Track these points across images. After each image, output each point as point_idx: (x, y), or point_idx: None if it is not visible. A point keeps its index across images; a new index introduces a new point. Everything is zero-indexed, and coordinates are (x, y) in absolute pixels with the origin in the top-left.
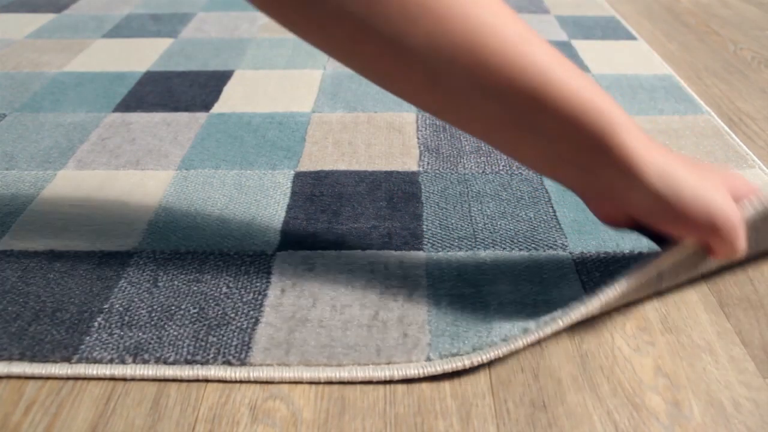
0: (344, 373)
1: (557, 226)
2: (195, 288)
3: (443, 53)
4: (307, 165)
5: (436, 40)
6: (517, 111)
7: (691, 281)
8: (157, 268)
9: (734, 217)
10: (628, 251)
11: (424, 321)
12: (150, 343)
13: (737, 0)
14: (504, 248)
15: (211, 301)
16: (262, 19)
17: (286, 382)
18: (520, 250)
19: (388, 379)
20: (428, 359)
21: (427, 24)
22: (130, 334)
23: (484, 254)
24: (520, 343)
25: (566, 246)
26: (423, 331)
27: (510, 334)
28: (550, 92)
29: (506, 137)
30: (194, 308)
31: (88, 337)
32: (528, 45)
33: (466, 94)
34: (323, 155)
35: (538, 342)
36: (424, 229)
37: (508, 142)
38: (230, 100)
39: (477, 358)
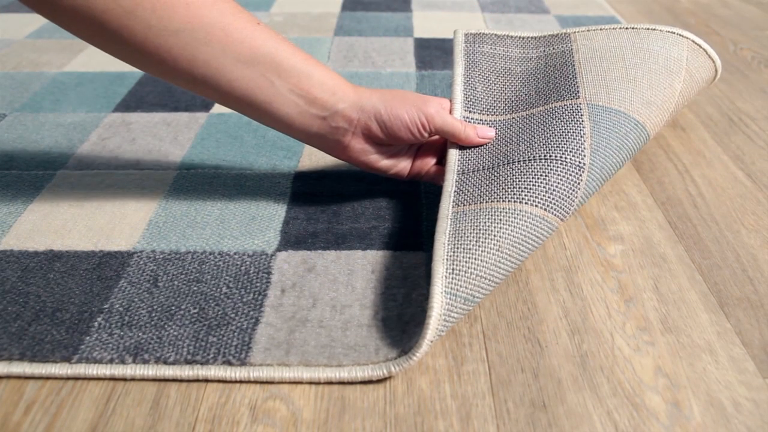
0: (344, 373)
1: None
2: (195, 288)
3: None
4: (307, 165)
5: (156, 32)
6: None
7: None
8: (157, 268)
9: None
10: None
11: (423, 321)
12: (150, 343)
13: (737, 0)
14: None
15: (211, 301)
16: (263, 19)
17: (286, 382)
18: None
19: (386, 376)
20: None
21: (146, 16)
22: (130, 334)
23: None
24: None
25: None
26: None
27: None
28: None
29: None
30: (194, 308)
31: (88, 337)
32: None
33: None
34: (323, 155)
35: (538, 342)
36: (424, 229)
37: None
38: None
39: (466, 320)
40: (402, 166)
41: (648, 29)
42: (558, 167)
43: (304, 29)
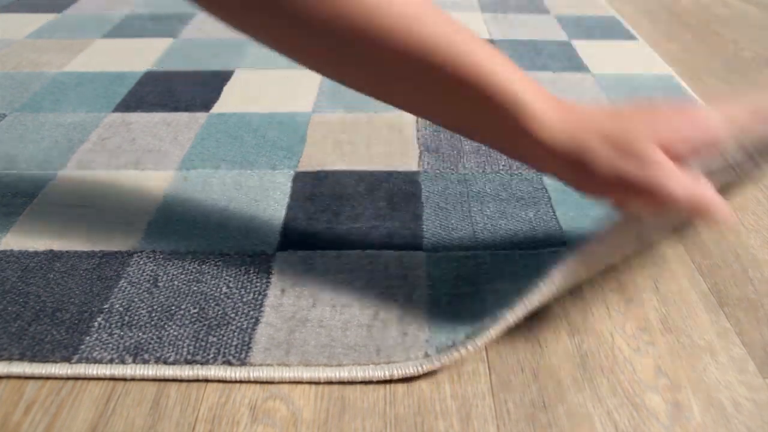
0: (344, 373)
1: (557, 226)
2: (195, 288)
3: (344, 32)
4: (307, 165)
5: (335, 21)
6: (428, 87)
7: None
8: (157, 268)
9: (647, 171)
10: None
11: (423, 320)
12: (150, 343)
13: (737, 0)
14: (504, 248)
15: (211, 301)
16: None
17: (286, 382)
18: (520, 249)
19: (387, 378)
20: (426, 355)
21: (326, 6)
22: (130, 334)
23: (484, 254)
24: (510, 319)
25: (565, 245)
26: (422, 330)
27: (499, 314)
28: (462, 73)
29: (425, 109)
30: (194, 308)
31: (88, 337)
32: (417, 21)
33: (373, 71)
34: (323, 155)
35: (538, 342)
36: (424, 229)
37: (430, 113)
38: (230, 100)
39: (471, 345)
40: None
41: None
42: None
43: None
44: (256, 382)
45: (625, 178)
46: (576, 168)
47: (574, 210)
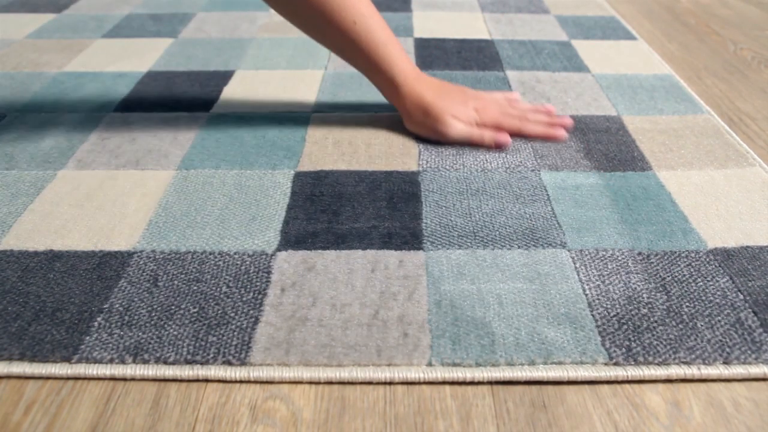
0: (344, 374)
1: (556, 224)
2: (195, 288)
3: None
4: (307, 165)
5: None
6: (351, 54)
7: None
8: (157, 268)
9: (435, 124)
10: (627, 249)
11: (424, 320)
12: (150, 343)
13: (737, 0)
14: (503, 246)
15: (211, 300)
16: (262, 19)
17: (286, 382)
18: (519, 247)
19: (388, 380)
20: (429, 364)
21: None
22: (130, 334)
23: (484, 252)
24: (523, 375)
25: (565, 243)
26: (423, 331)
27: (515, 360)
28: (369, 55)
29: (347, 61)
30: (194, 308)
31: (88, 337)
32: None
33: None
34: (323, 155)
35: None
36: (424, 228)
37: (349, 62)
38: (230, 100)
39: (479, 375)
40: None
41: None
42: None
43: None
44: (256, 382)
45: (426, 127)
46: (408, 115)
47: (574, 209)
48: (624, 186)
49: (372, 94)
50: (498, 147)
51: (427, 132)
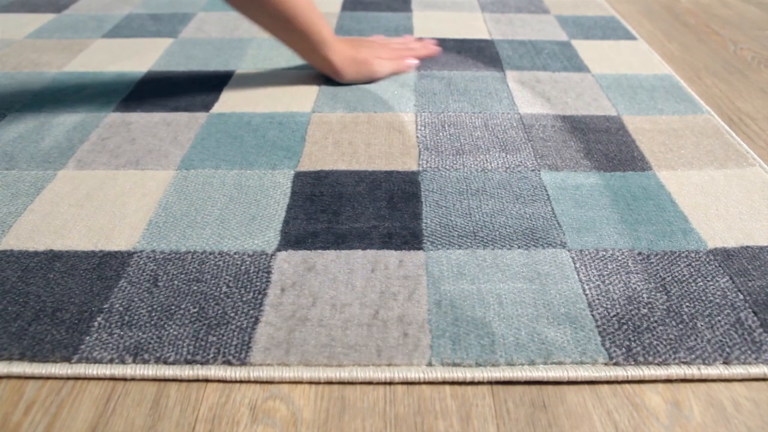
0: (344, 374)
1: (556, 225)
2: (195, 288)
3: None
4: (307, 165)
5: None
6: (280, 27)
7: None
8: (157, 268)
9: (366, 66)
10: (627, 250)
11: (424, 320)
12: (150, 343)
13: (737, 0)
14: (503, 246)
15: (211, 300)
16: None
17: (286, 382)
18: (519, 247)
19: (388, 380)
20: (429, 364)
21: None
22: (130, 334)
23: (484, 252)
24: (523, 375)
25: (565, 244)
26: (423, 331)
27: (515, 360)
28: (298, 22)
29: (278, 37)
30: (194, 308)
31: (88, 337)
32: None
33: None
34: (323, 155)
35: None
36: (424, 228)
37: (280, 39)
38: (230, 100)
39: (479, 375)
40: None
41: None
42: None
43: None
44: (256, 382)
45: (361, 74)
46: (340, 70)
47: (574, 209)
48: (624, 186)
49: (372, 94)
50: (410, 69)
51: (362, 78)
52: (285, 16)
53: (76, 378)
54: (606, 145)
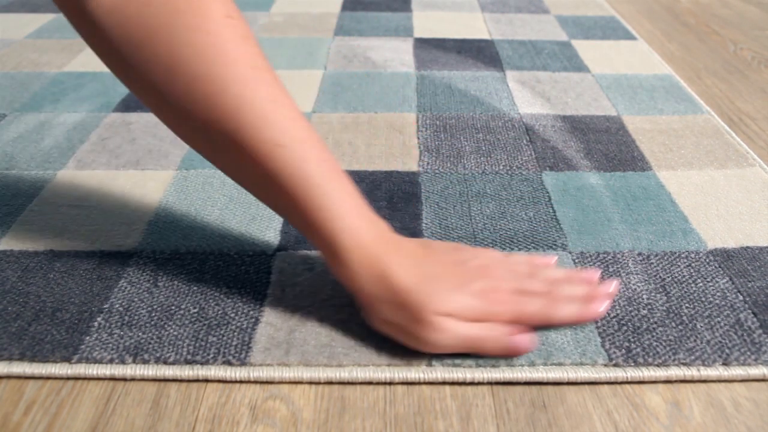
0: (344, 374)
1: (557, 226)
2: (195, 288)
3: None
4: None
5: (191, 104)
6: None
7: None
8: (157, 268)
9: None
10: (627, 250)
11: None
12: (150, 343)
13: (737, 0)
14: (503, 248)
15: (211, 301)
16: (262, 19)
17: (286, 382)
18: (520, 249)
19: (388, 381)
20: (429, 364)
21: (181, 88)
22: (130, 334)
23: None
24: (523, 376)
25: (566, 246)
26: None
27: (515, 360)
28: (296, 199)
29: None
30: (194, 308)
31: (88, 337)
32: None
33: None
34: None
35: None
36: (424, 229)
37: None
38: None
39: (479, 375)
40: None
41: None
42: None
43: (304, 29)
44: (256, 382)
45: (399, 328)
46: (368, 303)
47: (575, 210)
48: (624, 186)
49: (372, 94)
50: (512, 355)
51: (401, 334)
52: (266, 169)
53: (76, 378)
54: (606, 146)
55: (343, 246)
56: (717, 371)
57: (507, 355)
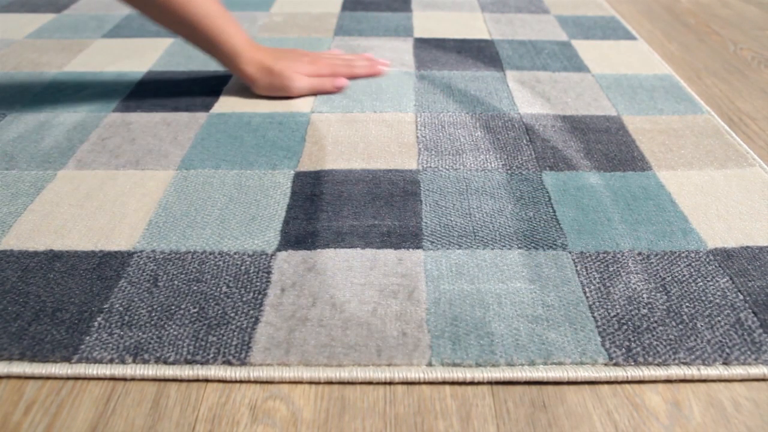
0: (344, 374)
1: (557, 226)
2: (195, 288)
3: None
4: (307, 165)
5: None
6: (196, 37)
7: None
8: (157, 268)
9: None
10: (627, 250)
11: (422, 319)
12: (150, 343)
13: (737, 0)
14: (503, 246)
15: (211, 300)
16: (262, 19)
17: (286, 382)
18: (519, 248)
19: (388, 380)
20: (430, 364)
21: None
22: (130, 334)
23: (483, 252)
24: (523, 375)
25: (566, 245)
26: (422, 331)
27: (515, 360)
28: (211, 35)
29: (191, 44)
30: (194, 308)
31: (88, 337)
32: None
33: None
34: (323, 155)
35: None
36: (423, 227)
37: (193, 43)
38: (230, 100)
39: (479, 375)
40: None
41: None
42: None
43: (304, 29)
44: (256, 382)
45: (274, 87)
46: (254, 80)
47: (574, 210)
48: (624, 186)
49: (372, 94)
50: (338, 90)
51: (276, 91)
52: (188, 22)
53: (76, 378)
54: (606, 145)
55: (238, 52)
56: (717, 371)
57: (333, 90)
